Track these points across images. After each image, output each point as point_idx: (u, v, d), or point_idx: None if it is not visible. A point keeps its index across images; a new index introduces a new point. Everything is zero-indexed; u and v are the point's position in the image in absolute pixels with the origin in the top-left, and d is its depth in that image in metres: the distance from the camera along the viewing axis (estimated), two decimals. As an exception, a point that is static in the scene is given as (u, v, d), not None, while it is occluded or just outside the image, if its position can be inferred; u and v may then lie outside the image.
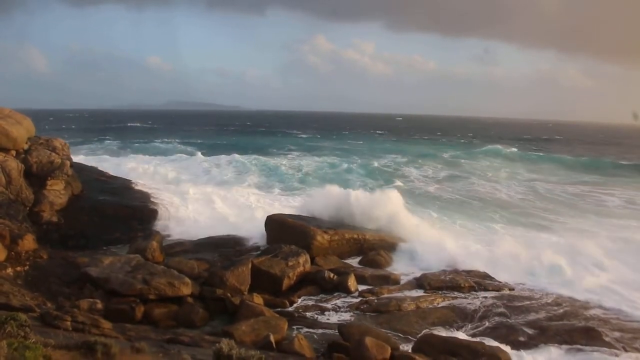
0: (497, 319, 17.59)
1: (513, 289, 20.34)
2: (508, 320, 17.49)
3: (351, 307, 18.38)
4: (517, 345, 15.62)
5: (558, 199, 40.28)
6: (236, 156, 53.59)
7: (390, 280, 20.95)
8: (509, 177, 50.72)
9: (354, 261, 23.19)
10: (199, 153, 57.56)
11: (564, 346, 15.70)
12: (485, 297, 19.37)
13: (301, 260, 20.61)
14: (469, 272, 21.73)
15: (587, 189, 45.11)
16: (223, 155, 54.08)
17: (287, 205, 32.18)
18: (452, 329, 16.74)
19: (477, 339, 15.52)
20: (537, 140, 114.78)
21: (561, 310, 18.33)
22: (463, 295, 19.64)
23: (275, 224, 24.48)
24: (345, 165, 52.33)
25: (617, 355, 15.03)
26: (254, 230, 25.65)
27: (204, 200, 32.06)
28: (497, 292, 19.94)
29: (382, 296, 19.42)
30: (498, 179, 49.20)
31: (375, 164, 54.41)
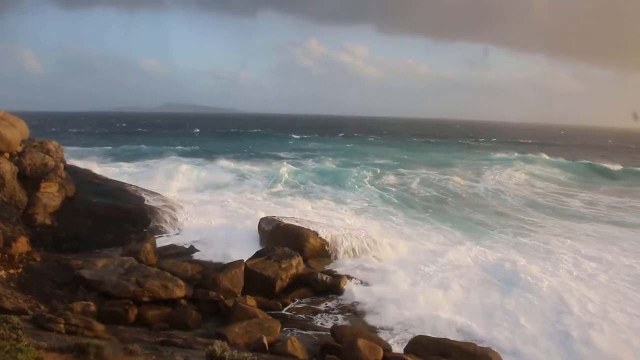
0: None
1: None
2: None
3: (344, 309, 18.48)
4: (509, 345, 15.80)
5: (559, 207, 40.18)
6: (238, 161, 53.68)
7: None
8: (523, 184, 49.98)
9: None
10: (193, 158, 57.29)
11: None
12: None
13: (294, 262, 20.70)
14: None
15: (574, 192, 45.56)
16: (225, 160, 53.87)
17: (291, 210, 32.16)
18: (445, 330, 16.86)
19: (472, 340, 15.63)
20: (533, 144, 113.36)
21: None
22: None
23: (269, 226, 24.54)
24: (353, 171, 51.54)
25: None
26: (247, 233, 25.71)
27: (201, 203, 32.15)
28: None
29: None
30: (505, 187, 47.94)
31: (379, 169, 53.56)
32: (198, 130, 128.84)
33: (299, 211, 31.71)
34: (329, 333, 15.75)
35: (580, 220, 34.73)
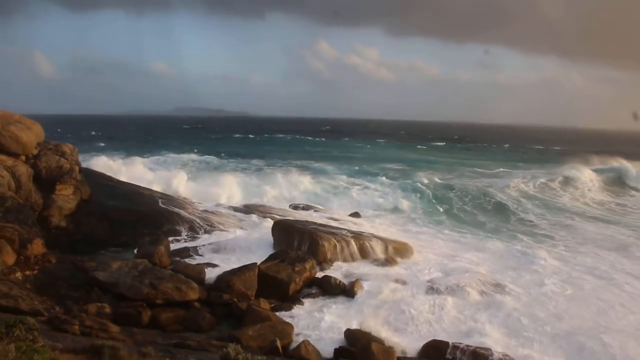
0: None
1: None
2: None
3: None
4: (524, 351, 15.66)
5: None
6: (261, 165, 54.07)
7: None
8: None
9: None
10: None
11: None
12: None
13: (308, 265, 20.65)
14: (478, 278, 21.61)
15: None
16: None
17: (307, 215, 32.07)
18: (459, 335, 16.72)
19: (485, 345, 15.50)
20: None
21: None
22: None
23: (283, 229, 24.54)
24: (379, 177, 50.30)
25: None
26: (261, 236, 25.73)
27: (217, 206, 32.24)
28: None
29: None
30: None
31: (404, 174, 52.29)
32: (238, 135, 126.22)
33: (318, 216, 31.72)
34: (343, 337, 15.68)
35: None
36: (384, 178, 48.56)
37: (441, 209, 38.29)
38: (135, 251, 22.87)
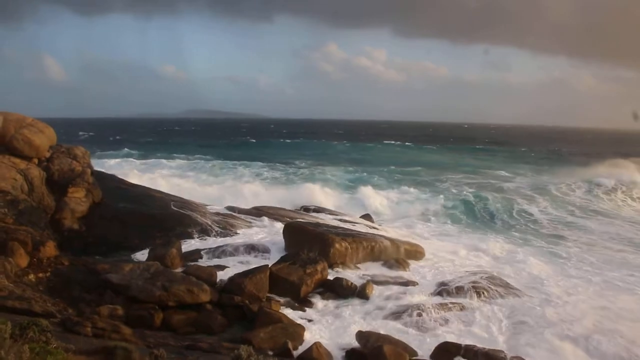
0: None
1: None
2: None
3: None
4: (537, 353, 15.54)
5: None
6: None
7: (409, 287, 20.88)
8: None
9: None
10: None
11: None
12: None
13: (319, 267, 20.63)
14: (490, 280, 21.48)
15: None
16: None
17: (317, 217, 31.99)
18: (471, 337, 16.63)
19: (498, 347, 15.41)
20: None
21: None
22: (485, 301, 19.43)
23: (294, 231, 24.52)
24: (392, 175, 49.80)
25: None
26: (273, 238, 25.72)
27: (230, 208, 32.26)
28: (518, 298, 19.77)
29: (401, 303, 19.33)
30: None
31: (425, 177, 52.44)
32: (249, 137, 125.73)
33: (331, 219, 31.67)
34: (355, 338, 15.64)
35: None
36: (395, 180, 48.49)
37: (454, 211, 38.11)
38: (147, 253, 22.94)
